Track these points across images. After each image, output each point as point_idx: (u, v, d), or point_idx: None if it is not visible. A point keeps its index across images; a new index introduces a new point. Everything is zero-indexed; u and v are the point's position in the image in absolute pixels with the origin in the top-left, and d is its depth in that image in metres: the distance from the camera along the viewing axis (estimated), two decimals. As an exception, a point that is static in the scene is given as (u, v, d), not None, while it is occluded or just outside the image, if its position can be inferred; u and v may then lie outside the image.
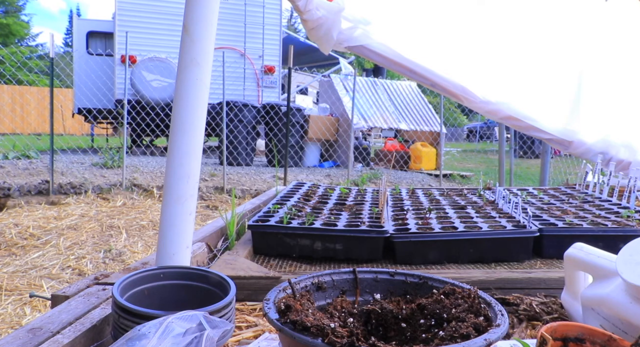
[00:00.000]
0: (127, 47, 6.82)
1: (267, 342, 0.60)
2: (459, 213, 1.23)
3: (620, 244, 0.54)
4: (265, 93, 9.67)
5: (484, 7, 2.21)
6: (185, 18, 1.22)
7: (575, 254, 0.62)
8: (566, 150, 2.31)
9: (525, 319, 0.68)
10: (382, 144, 10.86)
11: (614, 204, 1.33)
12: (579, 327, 0.46)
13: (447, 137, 11.18)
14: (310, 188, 1.59)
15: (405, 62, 2.11)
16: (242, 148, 8.37)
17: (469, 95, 2.14)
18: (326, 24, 1.95)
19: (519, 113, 2.18)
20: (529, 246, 1.06)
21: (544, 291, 0.76)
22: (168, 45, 8.36)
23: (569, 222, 1.12)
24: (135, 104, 8.18)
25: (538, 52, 2.23)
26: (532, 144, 9.94)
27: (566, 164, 6.89)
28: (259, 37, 9.53)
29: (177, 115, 1.18)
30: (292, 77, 6.78)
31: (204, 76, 1.21)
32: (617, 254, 0.53)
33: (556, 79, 2.26)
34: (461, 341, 0.35)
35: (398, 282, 0.44)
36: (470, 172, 9.20)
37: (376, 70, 14.24)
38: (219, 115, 7.97)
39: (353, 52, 2.17)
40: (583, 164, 1.81)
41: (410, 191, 1.59)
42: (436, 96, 11.62)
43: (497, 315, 0.39)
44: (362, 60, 11.27)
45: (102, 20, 10.65)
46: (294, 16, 32.93)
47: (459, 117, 20.14)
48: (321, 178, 7.21)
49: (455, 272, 0.96)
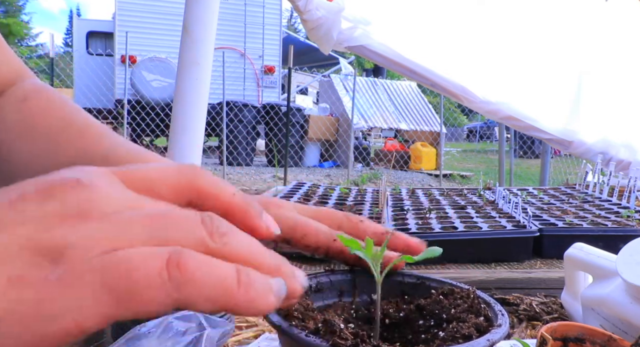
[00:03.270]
0: (127, 47, 6.83)
1: (267, 343, 0.60)
2: (459, 213, 1.23)
3: (620, 244, 0.54)
4: (265, 93, 9.67)
5: (484, 7, 2.21)
6: (185, 18, 1.22)
7: (575, 254, 0.62)
8: (566, 150, 2.32)
9: (525, 319, 0.68)
10: (382, 144, 10.86)
11: (614, 204, 1.33)
12: (579, 327, 0.46)
13: (447, 137, 11.19)
14: (310, 188, 1.59)
15: (405, 62, 2.11)
16: (242, 148, 8.38)
17: (469, 95, 2.14)
18: (326, 24, 1.95)
19: (519, 113, 2.19)
20: (529, 246, 1.06)
21: (544, 291, 0.76)
22: (168, 45, 8.35)
23: (569, 222, 1.12)
24: (135, 104, 8.18)
25: (538, 52, 2.23)
26: (532, 144, 9.95)
27: (566, 164, 6.89)
28: (259, 37, 9.52)
29: (177, 115, 1.18)
30: (292, 77, 6.79)
31: (204, 76, 1.21)
32: (617, 254, 0.53)
33: (556, 79, 2.26)
34: (463, 341, 0.35)
35: (395, 282, 0.44)
36: (470, 172, 9.20)
37: (376, 70, 14.24)
38: (219, 115, 7.98)
39: (353, 52, 2.17)
40: (583, 164, 1.81)
41: (410, 191, 1.60)
42: (436, 96, 11.63)
43: (498, 315, 0.39)
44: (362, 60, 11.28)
45: (102, 20, 10.66)
46: (294, 16, 32.96)
47: (459, 117, 20.16)
48: (321, 178, 7.22)
49: (455, 272, 0.96)
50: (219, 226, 0.28)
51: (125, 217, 0.26)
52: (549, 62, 2.24)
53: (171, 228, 0.27)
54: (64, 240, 0.25)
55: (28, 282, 0.23)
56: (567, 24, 2.20)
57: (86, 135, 0.55)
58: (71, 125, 0.56)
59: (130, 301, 0.24)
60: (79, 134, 0.55)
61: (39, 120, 0.56)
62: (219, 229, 0.28)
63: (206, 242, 0.27)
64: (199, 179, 0.31)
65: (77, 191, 0.26)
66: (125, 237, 0.25)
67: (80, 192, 0.26)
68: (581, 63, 2.23)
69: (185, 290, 0.24)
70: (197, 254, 0.25)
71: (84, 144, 0.54)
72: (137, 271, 0.24)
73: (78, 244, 0.25)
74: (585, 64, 2.23)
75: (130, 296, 0.24)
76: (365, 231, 0.47)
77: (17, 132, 0.56)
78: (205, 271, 0.25)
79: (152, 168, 0.31)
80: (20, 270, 0.24)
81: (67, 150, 0.54)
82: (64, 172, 0.28)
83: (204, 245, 0.27)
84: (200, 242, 0.27)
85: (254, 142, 8.82)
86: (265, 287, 0.26)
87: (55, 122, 0.56)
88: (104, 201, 0.27)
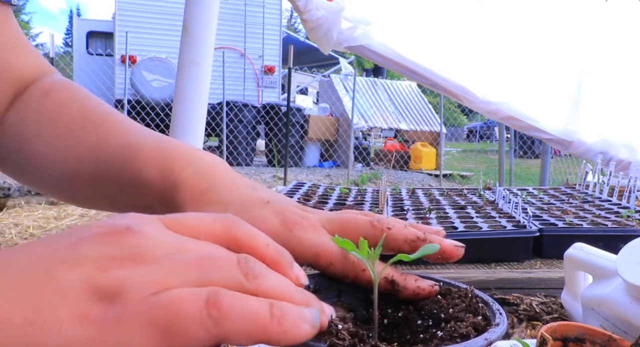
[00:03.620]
0: (127, 47, 6.82)
1: (267, 343, 0.60)
2: (459, 213, 1.23)
3: (620, 244, 0.54)
4: (265, 93, 9.67)
5: (484, 7, 2.21)
6: (185, 18, 1.22)
7: (575, 254, 0.62)
8: (566, 150, 2.31)
9: (525, 319, 0.68)
10: (382, 144, 10.86)
11: (614, 204, 1.33)
12: (579, 327, 0.46)
13: (447, 137, 11.19)
14: (310, 188, 1.59)
15: (405, 62, 2.11)
16: (242, 148, 8.38)
17: (469, 95, 2.14)
18: (326, 24, 1.95)
19: (519, 113, 2.18)
20: (529, 246, 1.06)
21: (544, 291, 0.76)
22: (168, 45, 8.35)
23: (569, 222, 1.12)
24: (135, 104, 8.18)
25: (538, 52, 2.23)
26: (532, 144, 9.95)
27: (566, 164, 6.89)
28: (259, 37, 9.52)
29: (177, 115, 1.18)
30: (292, 77, 6.78)
31: (204, 76, 1.21)
32: (617, 254, 0.53)
33: (556, 79, 2.26)
34: (461, 340, 0.35)
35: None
36: (470, 172, 9.20)
37: (376, 70, 14.25)
38: (219, 115, 7.98)
39: (353, 52, 2.17)
40: (583, 164, 1.81)
41: (410, 191, 1.59)
42: (436, 96, 11.63)
43: (496, 314, 0.39)
44: (362, 60, 11.28)
45: (102, 20, 10.66)
46: (294, 16, 32.96)
47: (459, 117, 20.15)
48: (321, 178, 7.21)
49: (455, 272, 0.96)
50: (254, 267, 0.30)
51: (173, 260, 0.29)
52: (549, 62, 2.24)
53: (212, 270, 0.29)
54: (121, 281, 0.27)
55: (90, 320, 0.25)
56: (567, 24, 2.20)
57: (108, 126, 0.55)
58: (92, 117, 0.56)
59: (175, 335, 0.26)
60: (100, 125, 0.55)
61: (60, 114, 0.56)
62: (254, 270, 0.30)
63: (241, 282, 0.29)
64: (236, 230, 0.34)
65: (129, 237, 0.29)
66: (172, 278, 0.28)
67: (133, 237, 0.29)
68: (581, 63, 2.23)
69: (223, 325, 0.26)
70: (233, 293, 0.28)
71: (105, 135, 0.54)
72: (180, 309, 0.26)
73: (133, 285, 0.27)
74: (585, 64, 2.23)
75: (175, 332, 0.26)
76: (396, 238, 0.45)
77: (40, 127, 0.56)
78: (239, 307, 0.27)
79: (193, 217, 0.34)
80: (83, 307, 0.26)
81: (87, 141, 0.54)
82: (116, 220, 0.31)
83: (240, 285, 0.29)
84: (237, 282, 0.29)
85: (254, 142, 8.82)
86: (299, 317, 0.28)
87: (76, 113, 0.56)
88: (154, 246, 0.29)
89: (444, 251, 0.45)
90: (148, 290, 0.27)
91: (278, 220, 0.45)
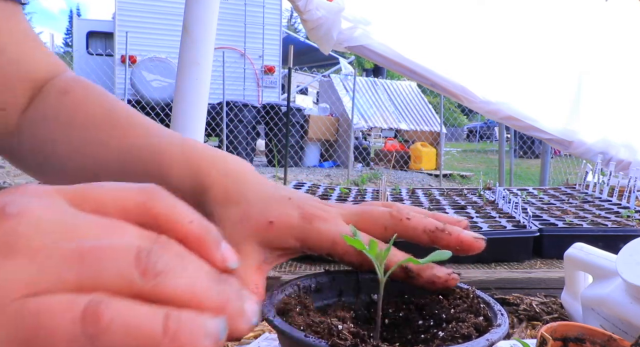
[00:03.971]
0: (127, 47, 6.82)
1: (267, 343, 0.60)
2: (459, 213, 1.23)
3: (620, 244, 0.54)
4: (265, 93, 9.67)
5: (484, 7, 2.21)
6: (185, 18, 1.22)
7: (575, 254, 0.62)
8: (566, 150, 2.31)
9: (525, 319, 0.68)
10: (382, 144, 10.86)
11: (614, 204, 1.33)
12: (579, 327, 0.46)
13: (447, 137, 11.19)
14: (310, 188, 1.59)
15: (405, 62, 2.11)
16: (242, 148, 8.37)
17: (469, 95, 2.14)
18: (326, 24, 1.95)
19: (519, 113, 2.19)
20: (529, 246, 1.06)
21: (544, 291, 0.76)
22: (168, 45, 8.35)
23: (569, 222, 1.12)
24: (135, 104, 8.18)
25: (538, 52, 2.23)
26: (532, 144, 9.94)
27: (566, 164, 6.89)
28: (259, 37, 9.52)
29: (177, 115, 1.18)
30: (292, 77, 6.78)
31: (204, 76, 1.21)
32: (617, 254, 0.53)
33: (556, 79, 2.26)
34: (463, 341, 0.35)
35: (395, 282, 0.44)
36: (470, 172, 9.20)
37: (376, 70, 14.24)
38: (219, 115, 7.98)
39: (353, 52, 2.17)
40: (583, 164, 1.81)
41: (410, 191, 1.59)
42: (436, 96, 11.63)
43: (497, 315, 0.39)
44: (362, 60, 11.28)
45: (102, 20, 10.65)
46: (294, 16, 32.95)
47: (459, 117, 20.14)
48: (321, 178, 7.22)
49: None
50: (157, 261, 0.24)
51: (53, 254, 0.24)
52: (549, 62, 2.24)
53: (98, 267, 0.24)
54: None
55: None
56: (567, 24, 2.20)
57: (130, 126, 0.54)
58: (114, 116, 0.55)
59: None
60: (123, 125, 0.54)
61: (80, 112, 0.56)
62: (155, 266, 0.24)
63: (135, 282, 0.24)
64: (154, 203, 0.28)
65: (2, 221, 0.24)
66: (47, 277, 0.23)
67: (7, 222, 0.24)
68: (581, 63, 2.23)
69: (100, 343, 0.22)
70: (118, 302, 0.23)
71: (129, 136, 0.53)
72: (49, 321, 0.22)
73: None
74: (585, 64, 2.23)
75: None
76: (415, 228, 0.44)
77: (60, 125, 0.56)
78: (123, 322, 0.22)
79: (105, 188, 0.29)
80: None
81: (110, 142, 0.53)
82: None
83: (133, 286, 0.24)
84: (129, 282, 0.24)
85: (254, 142, 8.81)
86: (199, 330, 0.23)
87: (98, 111, 0.56)
88: (34, 232, 0.24)
89: (463, 242, 0.43)
90: (15, 293, 0.22)
91: (298, 213, 0.44)
